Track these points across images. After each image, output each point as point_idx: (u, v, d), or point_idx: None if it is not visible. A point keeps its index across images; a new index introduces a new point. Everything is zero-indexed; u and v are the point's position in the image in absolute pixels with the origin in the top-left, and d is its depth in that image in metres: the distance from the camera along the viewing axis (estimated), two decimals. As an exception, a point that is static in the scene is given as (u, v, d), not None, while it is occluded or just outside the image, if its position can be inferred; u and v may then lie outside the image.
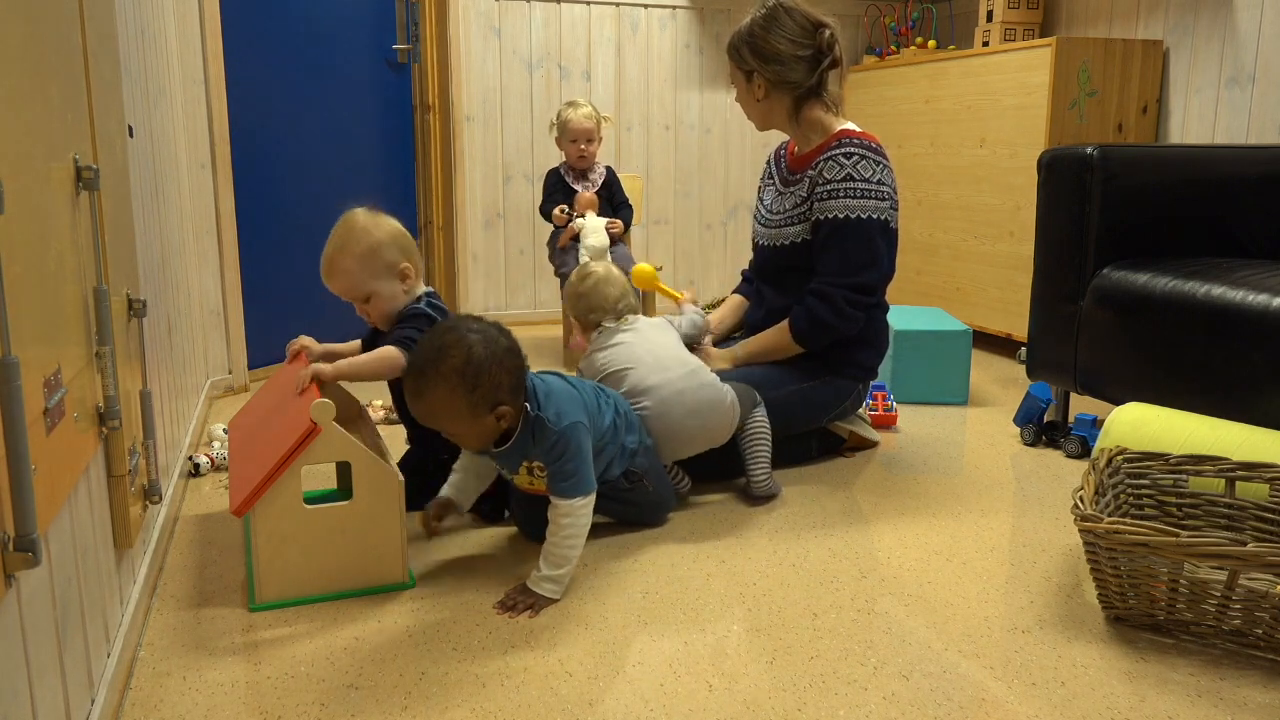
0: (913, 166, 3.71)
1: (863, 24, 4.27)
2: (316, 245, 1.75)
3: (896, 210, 2.14)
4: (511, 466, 1.61)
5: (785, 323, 2.14)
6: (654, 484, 1.81)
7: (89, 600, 1.14)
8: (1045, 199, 2.37)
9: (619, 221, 3.20)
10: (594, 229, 3.12)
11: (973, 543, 1.79)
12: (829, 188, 2.07)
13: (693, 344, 2.24)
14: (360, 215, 1.79)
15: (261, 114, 2.89)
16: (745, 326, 2.36)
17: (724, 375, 2.12)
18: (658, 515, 1.85)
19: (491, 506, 1.85)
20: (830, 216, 2.07)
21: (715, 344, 2.29)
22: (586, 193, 3.21)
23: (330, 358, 1.88)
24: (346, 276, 1.76)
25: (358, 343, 1.93)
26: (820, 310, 2.09)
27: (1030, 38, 3.50)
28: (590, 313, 2.00)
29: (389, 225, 1.80)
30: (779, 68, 2.11)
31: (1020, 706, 1.26)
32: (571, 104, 3.23)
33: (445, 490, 1.71)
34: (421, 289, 1.85)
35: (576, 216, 3.16)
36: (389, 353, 1.73)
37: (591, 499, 1.57)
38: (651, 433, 1.86)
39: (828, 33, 2.11)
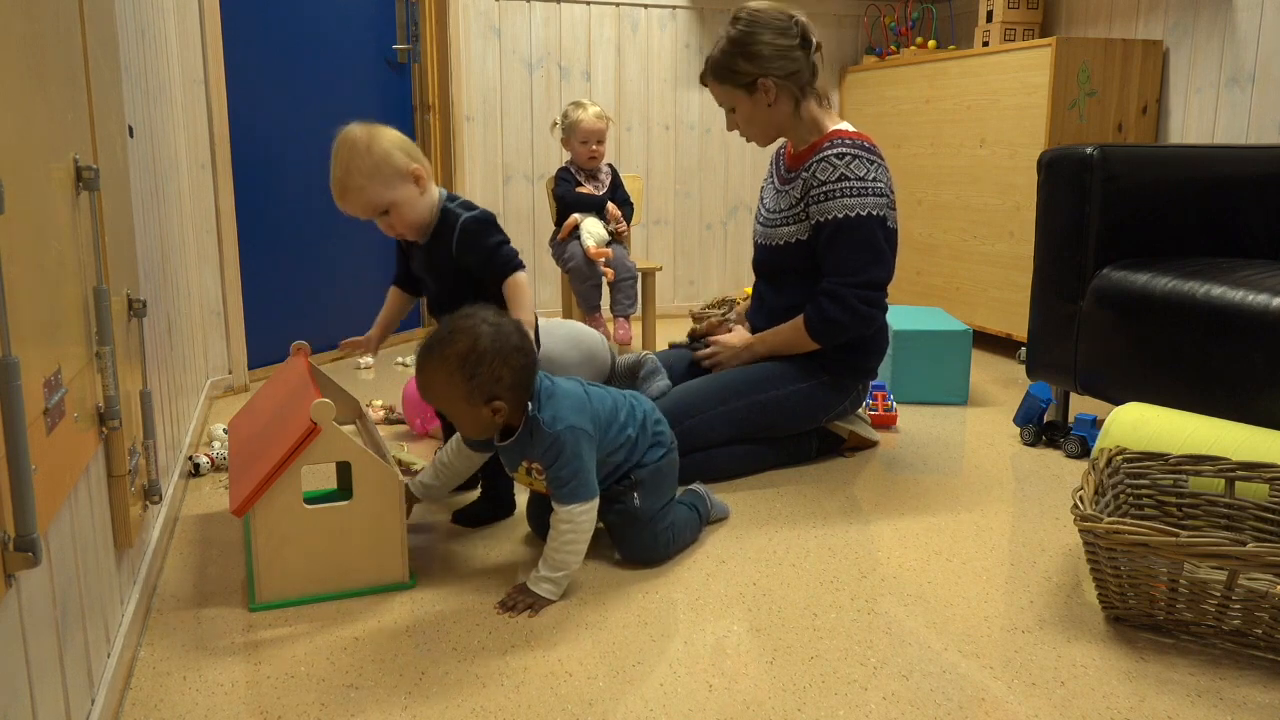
0: (913, 166, 3.71)
1: (863, 24, 4.27)
2: (316, 245, 1.75)
3: (894, 209, 2.14)
4: (511, 464, 1.60)
5: (800, 319, 2.14)
6: (645, 501, 1.65)
7: (89, 600, 1.14)
8: (1045, 199, 2.37)
9: (623, 222, 3.24)
10: (593, 221, 3.19)
11: (973, 543, 1.79)
12: (824, 189, 2.07)
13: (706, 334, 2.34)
14: (356, 130, 1.72)
15: (261, 114, 2.90)
16: (750, 329, 2.35)
17: (713, 377, 2.15)
18: (639, 542, 1.66)
19: (470, 514, 1.86)
20: (830, 218, 2.07)
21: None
22: (613, 206, 3.26)
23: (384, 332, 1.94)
24: (360, 194, 1.70)
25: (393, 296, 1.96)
26: (831, 310, 2.08)
27: (1030, 38, 3.50)
28: None
29: (389, 133, 1.74)
30: (783, 62, 2.10)
31: (1020, 706, 1.26)
32: (579, 104, 3.22)
33: (412, 486, 1.70)
34: (436, 190, 1.78)
35: (613, 224, 3.23)
36: (515, 283, 1.75)
37: (593, 505, 1.55)
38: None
39: (801, 18, 2.12)
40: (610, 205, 3.23)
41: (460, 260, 1.75)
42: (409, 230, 1.77)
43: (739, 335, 2.25)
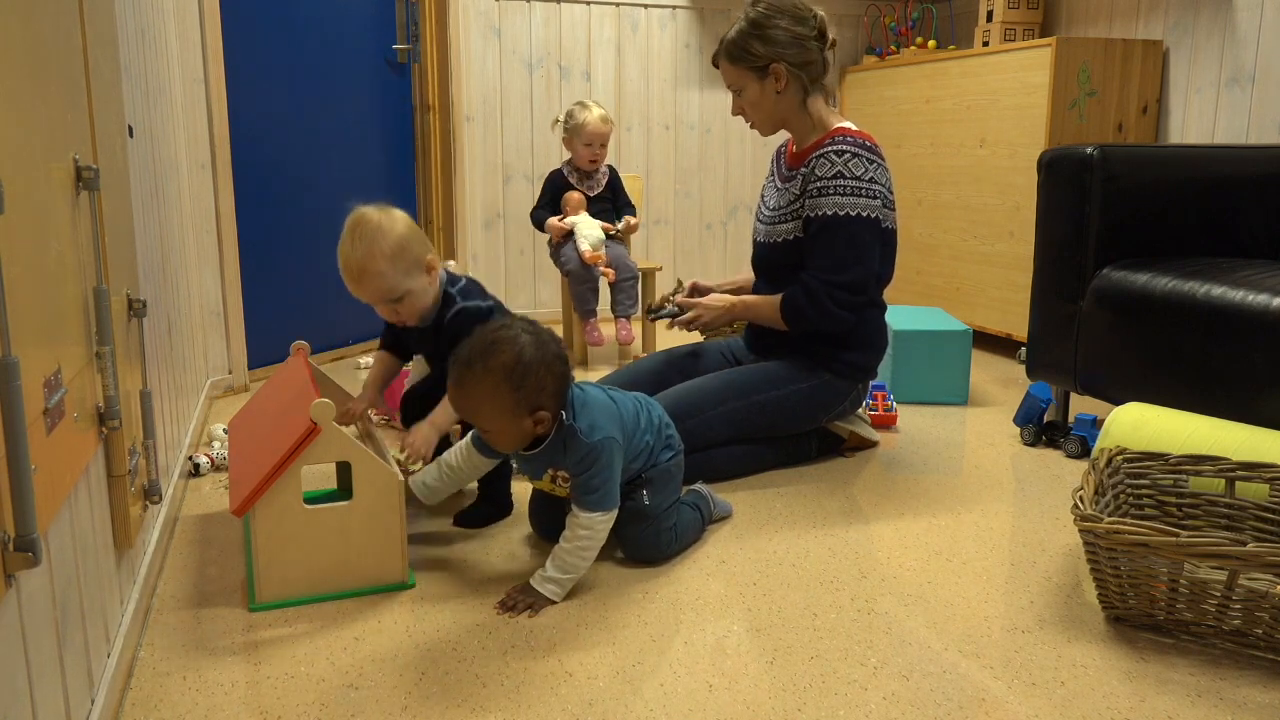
0: (913, 166, 3.71)
1: (863, 24, 4.27)
2: (316, 245, 1.73)
3: (892, 210, 2.13)
4: (535, 473, 1.60)
5: (780, 297, 2.15)
6: (654, 498, 1.66)
7: (89, 600, 1.14)
8: (1045, 199, 2.37)
9: (628, 220, 3.24)
10: (588, 224, 3.17)
11: (973, 543, 1.79)
12: (820, 185, 2.07)
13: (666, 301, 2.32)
14: (372, 214, 1.70)
15: (261, 114, 2.89)
16: (747, 326, 2.36)
17: (713, 377, 2.14)
18: (643, 539, 1.66)
19: (470, 516, 1.86)
20: (820, 214, 2.07)
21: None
22: (574, 193, 3.23)
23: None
24: (380, 280, 1.68)
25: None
26: (802, 300, 2.09)
27: (1030, 38, 3.50)
28: None
29: (402, 218, 1.73)
30: (797, 50, 2.10)
31: (1020, 706, 1.26)
32: (584, 105, 3.20)
33: (414, 486, 1.69)
34: (440, 275, 1.79)
35: (569, 215, 3.19)
36: None
37: (613, 515, 1.55)
38: None
39: (820, 13, 2.13)
40: (570, 194, 3.22)
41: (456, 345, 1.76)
42: (413, 318, 1.77)
43: (718, 298, 2.26)
